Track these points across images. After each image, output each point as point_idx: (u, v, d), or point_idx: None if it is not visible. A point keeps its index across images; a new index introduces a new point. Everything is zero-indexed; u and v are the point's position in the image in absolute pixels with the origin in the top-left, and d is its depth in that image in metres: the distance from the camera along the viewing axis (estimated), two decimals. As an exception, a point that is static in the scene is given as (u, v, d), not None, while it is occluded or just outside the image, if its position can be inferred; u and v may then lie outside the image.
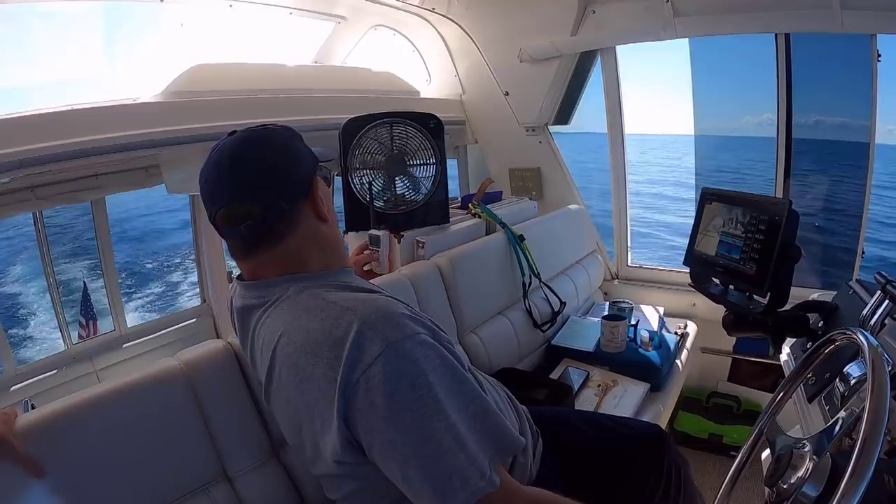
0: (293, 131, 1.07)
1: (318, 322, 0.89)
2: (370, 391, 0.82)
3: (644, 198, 17.20)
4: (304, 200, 1.02)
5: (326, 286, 0.98)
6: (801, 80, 2.53)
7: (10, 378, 2.98)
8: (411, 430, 0.82)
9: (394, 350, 0.83)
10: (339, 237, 1.12)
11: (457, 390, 0.86)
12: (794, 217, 1.34)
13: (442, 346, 0.89)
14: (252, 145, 1.00)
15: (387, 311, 0.88)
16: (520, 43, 2.84)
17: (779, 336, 1.52)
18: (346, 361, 0.83)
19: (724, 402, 2.79)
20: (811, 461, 0.82)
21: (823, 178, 7.10)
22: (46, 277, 3.72)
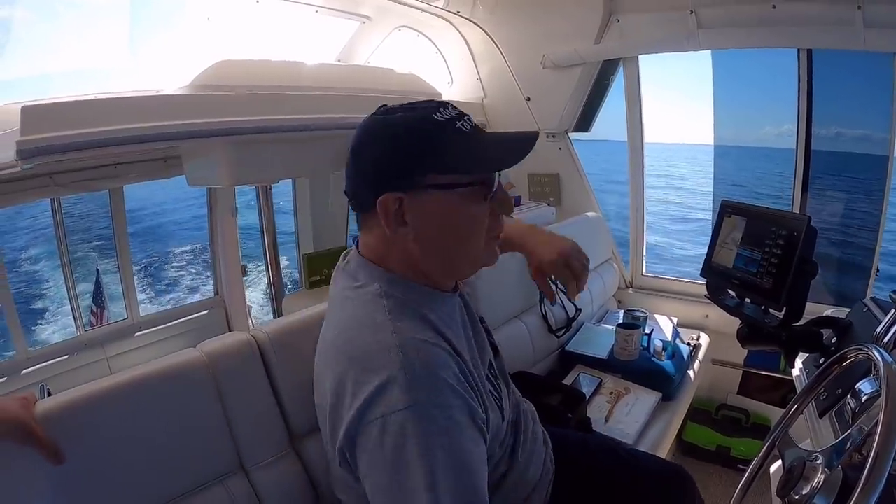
0: (431, 125, 0.90)
1: (364, 342, 0.87)
2: (384, 435, 0.79)
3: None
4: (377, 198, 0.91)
5: (396, 299, 0.92)
6: (821, 91, 2.52)
7: (21, 361, 3.03)
8: (407, 490, 0.78)
9: (419, 412, 0.79)
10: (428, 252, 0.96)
11: (454, 477, 0.80)
12: (813, 233, 1.34)
13: (465, 431, 0.84)
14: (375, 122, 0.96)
15: (432, 370, 0.83)
16: (543, 49, 2.85)
17: (792, 350, 1.53)
18: (372, 395, 0.81)
19: (732, 415, 2.78)
20: (823, 473, 0.83)
21: (842, 192, 7.08)
22: (62, 265, 3.74)
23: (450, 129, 0.90)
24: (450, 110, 0.93)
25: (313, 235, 3.97)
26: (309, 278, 2.87)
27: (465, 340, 0.99)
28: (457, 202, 0.90)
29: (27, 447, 0.94)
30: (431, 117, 0.90)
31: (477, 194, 0.91)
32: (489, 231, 0.95)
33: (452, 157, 0.89)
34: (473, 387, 0.89)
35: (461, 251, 0.95)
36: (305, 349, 1.33)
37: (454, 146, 0.89)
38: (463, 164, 0.89)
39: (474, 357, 0.99)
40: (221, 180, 2.13)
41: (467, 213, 0.92)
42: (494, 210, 0.95)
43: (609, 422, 1.95)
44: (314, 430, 1.32)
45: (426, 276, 0.97)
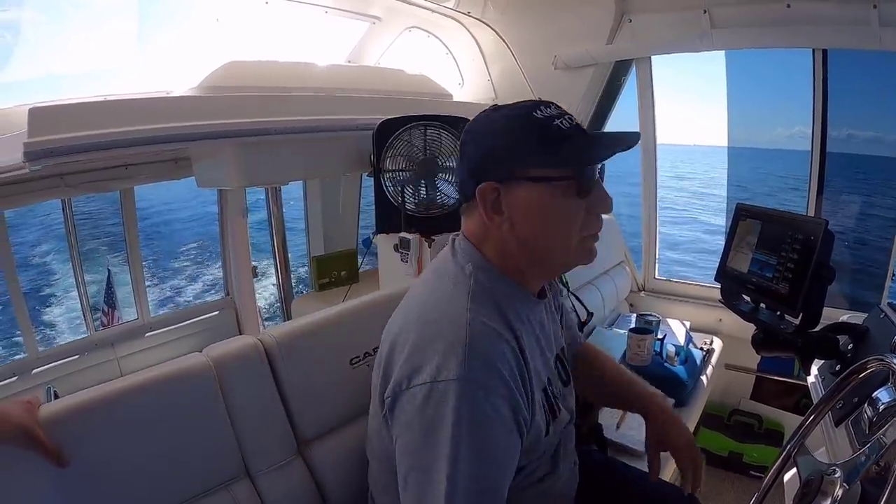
0: (530, 121, 0.95)
1: (439, 311, 0.94)
2: (427, 400, 0.85)
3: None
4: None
5: (482, 284, 0.97)
6: (833, 92, 2.49)
7: (31, 361, 3.04)
8: (432, 455, 0.84)
9: (465, 388, 0.83)
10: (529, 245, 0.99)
11: (477, 460, 0.84)
12: (830, 237, 1.31)
13: (503, 422, 0.88)
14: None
15: (490, 356, 0.87)
16: (555, 49, 2.83)
17: (808, 357, 1.49)
18: (427, 359, 0.87)
19: (745, 421, 2.75)
20: (841, 488, 0.81)
21: (855, 195, 7.03)
22: (73, 265, 3.77)
23: (547, 126, 0.94)
24: (551, 109, 0.97)
25: (324, 237, 3.97)
26: (318, 281, 2.86)
27: (536, 347, 1.03)
28: (549, 195, 0.94)
29: (31, 451, 0.93)
30: (531, 114, 0.95)
31: (570, 189, 0.94)
32: (583, 228, 0.97)
33: (547, 151, 0.93)
34: (526, 388, 0.93)
35: (551, 244, 0.98)
36: (314, 354, 1.33)
37: (551, 142, 0.93)
38: (556, 159, 0.93)
39: (537, 367, 1.01)
40: (231, 182, 2.13)
41: (559, 207, 0.95)
42: (590, 208, 0.96)
43: (620, 428, 1.92)
44: (321, 435, 1.32)
45: (516, 270, 1.01)
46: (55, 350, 3.30)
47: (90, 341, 3.39)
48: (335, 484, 1.27)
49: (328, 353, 1.34)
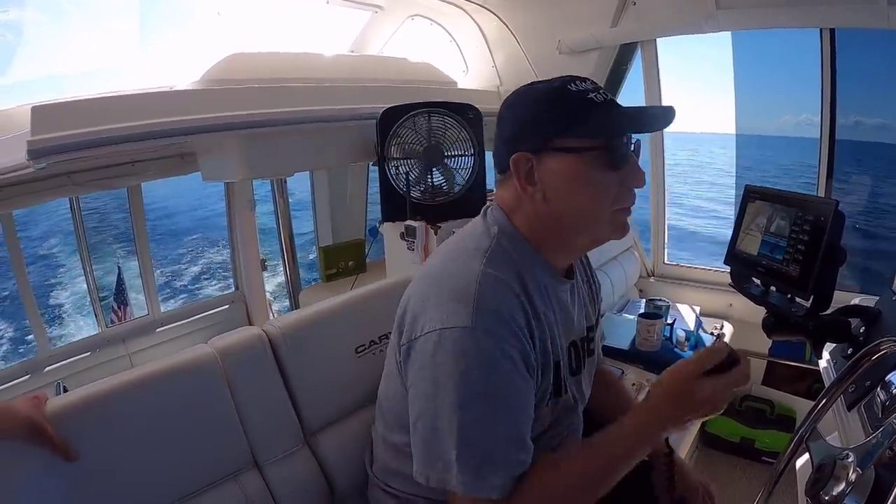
0: (565, 94, 0.94)
1: (456, 266, 0.96)
2: (437, 347, 0.88)
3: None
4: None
5: (504, 248, 0.98)
6: (842, 77, 2.45)
7: (43, 359, 3.07)
8: (442, 401, 0.87)
9: (474, 335, 0.86)
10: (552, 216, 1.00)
11: (483, 405, 0.87)
12: (841, 218, 1.28)
13: (513, 368, 0.89)
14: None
15: (500, 306, 0.89)
16: (559, 34, 2.79)
17: (820, 341, 1.47)
18: (439, 309, 0.90)
19: (757, 406, 2.72)
20: (854, 473, 0.79)
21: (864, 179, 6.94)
22: (82, 263, 3.79)
23: (583, 99, 0.94)
24: (586, 84, 0.97)
25: (332, 228, 3.98)
26: (326, 271, 2.86)
27: (553, 321, 1.02)
28: (582, 166, 0.94)
29: (39, 446, 0.94)
30: (566, 87, 0.95)
31: (602, 160, 0.94)
32: (616, 201, 0.96)
33: (581, 122, 0.93)
34: (536, 345, 0.94)
35: (583, 215, 0.98)
36: (319, 343, 1.33)
37: (584, 113, 0.93)
38: (588, 129, 0.93)
39: (553, 336, 1.01)
40: (235, 174, 2.13)
41: (591, 178, 0.95)
42: (623, 181, 0.96)
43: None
44: (328, 424, 1.32)
45: (545, 242, 1.01)
46: (66, 348, 3.33)
47: (102, 338, 3.41)
48: (342, 472, 1.27)
49: (333, 342, 1.34)
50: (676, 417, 0.89)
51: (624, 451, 0.89)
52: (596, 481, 0.89)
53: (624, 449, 0.90)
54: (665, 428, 0.90)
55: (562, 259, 1.06)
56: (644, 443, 0.91)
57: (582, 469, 0.90)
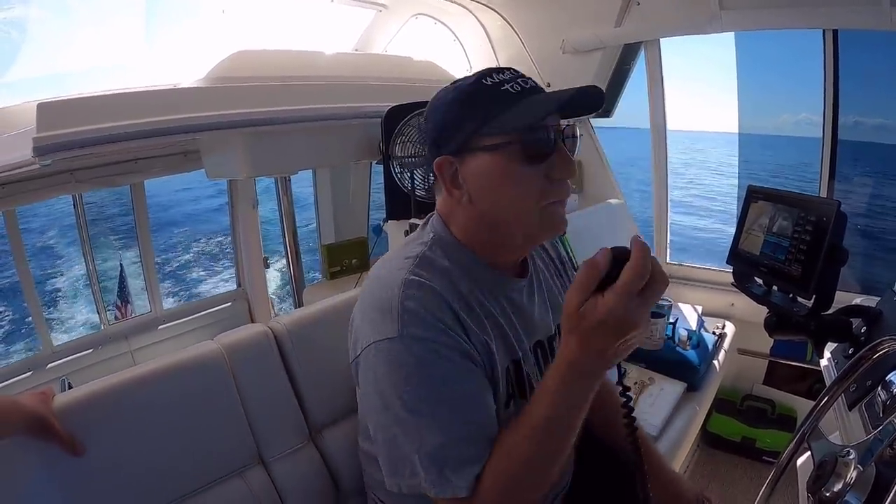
0: (478, 89, 0.92)
1: (384, 277, 0.95)
2: (374, 360, 0.88)
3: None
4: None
5: (435, 255, 0.98)
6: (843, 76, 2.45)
7: (46, 356, 3.08)
8: (391, 414, 0.87)
9: (403, 342, 0.85)
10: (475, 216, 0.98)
11: (432, 406, 0.86)
12: (843, 218, 1.29)
13: (452, 365, 0.88)
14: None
15: (425, 307, 0.88)
16: (562, 34, 2.80)
17: (821, 340, 1.47)
18: (371, 323, 0.90)
19: (758, 406, 2.73)
20: (856, 470, 0.80)
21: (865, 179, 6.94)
22: (85, 260, 3.80)
23: (496, 92, 0.91)
24: (503, 75, 0.94)
25: (335, 227, 3.98)
26: (329, 269, 2.87)
27: (502, 322, 1.00)
28: (502, 163, 0.91)
29: (46, 441, 0.95)
30: (480, 82, 0.93)
31: (521, 154, 0.90)
32: (543, 196, 0.92)
33: (494, 117, 0.90)
34: (476, 346, 0.92)
35: (510, 215, 0.95)
36: (324, 340, 1.33)
37: (498, 107, 0.90)
38: (504, 124, 0.90)
39: (507, 338, 1.00)
40: (240, 172, 2.13)
41: (513, 174, 0.91)
42: (549, 173, 0.92)
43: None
44: (333, 421, 1.33)
45: (483, 245, 0.99)
46: (69, 344, 3.34)
47: (104, 335, 3.43)
48: (347, 469, 1.27)
49: (338, 340, 1.32)
50: (595, 353, 0.76)
51: (559, 411, 0.81)
52: (548, 452, 0.84)
53: (558, 409, 0.81)
54: (589, 369, 0.79)
55: (504, 259, 1.03)
56: (575, 395, 0.80)
57: (528, 446, 0.83)
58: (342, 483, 1.29)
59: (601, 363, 0.78)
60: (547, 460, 0.84)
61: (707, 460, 2.64)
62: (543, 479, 0.86)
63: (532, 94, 0.93)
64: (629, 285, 0.72)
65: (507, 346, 0.99)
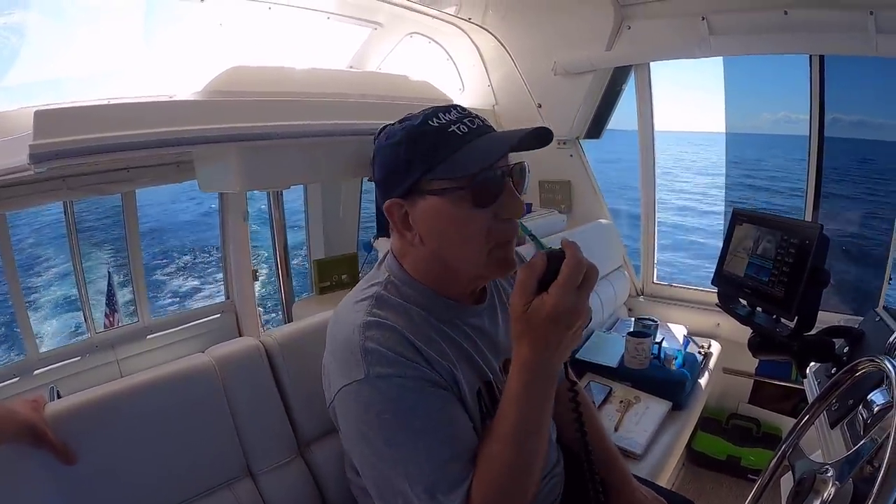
0: (424, 131, 0.92)
1: (343, 322, 0.96)
2: (346, 404, 0.91)
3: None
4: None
5: (390, 293, 0.99)
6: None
7: (33, 362, 3.05)
8: (372, 452, 0.90)
9: (370, 382, 0.87)
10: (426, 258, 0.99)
11: (410, 438, 0.87)
12: (825, 241, 1.32)
13: (422, 394, 0.89)
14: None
15: (386, 344, 0.89)
16: (554, 56, 2.85)
17: (804, 360, 1.50)
18: (338, 369, 0.92)
19: (743, 424, 2.75)
20: (833, 486, 0.81)
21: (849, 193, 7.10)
22: (74, 267, 3.78)
23: (443, 134, 0.91)
24: (450, 114, 0.94)
25: (324, 242, 3.99)
26: (319, 284, 2.87)
27: (468, 349, 1.01)
28: (449, 206, 0.91)
29: (38, 449, 0.95)
30: (427, 123, 0.92)
31: (468, 199, 0.90)
32: (491, 236, 0.92)
33: (442, 161, 0.90)
34: (441, 374, 0.93)
35: (459, 255, 0.95)
36: (314, 355, 1.31)
37: (444, 150, 0.90)
38: (450, 168, 0.90)
39: (473, 362, 1.01)
40: (233, 185, 2.14)
41: (460, 217, 0.91)
42: (498, 214, 0.92)
43: (619, 430, 1.94)
44: (322, 435, 1.33)
45: (435, 281, 1.00)
46: (56, 351, 3.31)
47: (91, 343, 3.40)
48: (335, 484, 1.27)
49: (328, 354, 1.36)
50: (548, 349, 0.82)
51: (526, 414, 0.86)
52: (525, 454, 0.87)
53: (525, 412, 0.86)
54: (545, 366, 0.84)
55: (459, 291, 1.03)
56: (538, 395, 0.86)
57: (506, 453, 0.86)
58: (329, 498, 1.29)
59: (555, 358, 0.84)
60: (527, 462, 0.87)
61: (693, 478, 2.65)
62: (527, 482, 0.88)
63: (479, 134, 0.92)
64: (570, 279, 0.79)
65: (475, 369, 1.00)
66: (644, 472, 1.75)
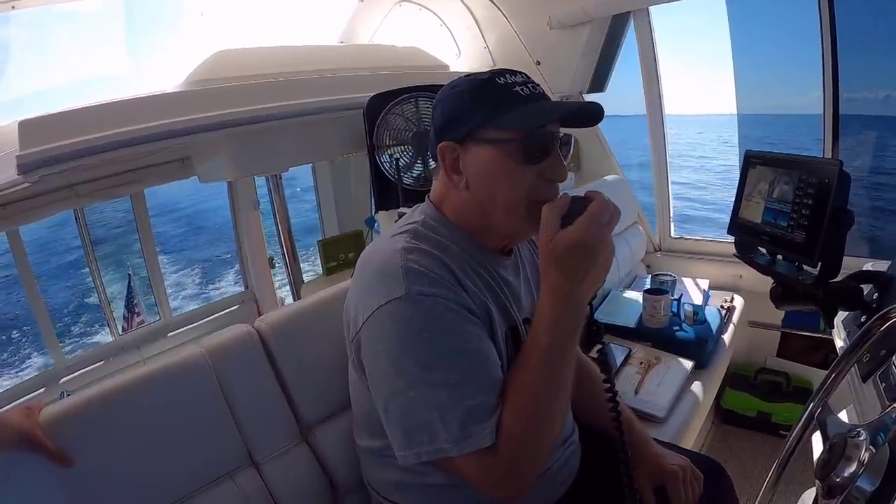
0: (490, 86, 0.96)
1: (382, 251, 0.98)
2: (381, 323, 0.90)
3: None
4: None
5: (429, 231, 1.02)
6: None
7: (60, 370, 3.11)
8: (405, 373, 0.88)
9: (411, 299, 0.88)
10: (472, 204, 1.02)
11: (447, 357, 0.89)
12: (846, 179, 1.23)
13: (461, 318, 0.91)
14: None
15: (427, 268, 0.91)
16: (548, 9, 2.73)
17: (830, 309, 1.41)
18: (374, 289, 0.92)
19: (772, 379, 2.66)
20: (867, 452, 0.74)
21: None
22: (91, 274, 3.83)
23: (506, 91, 0.95)
24: (516, 77, 0.98)
25: (338, 221, 3.96)
26: (326, 264, 2.85)
27: (493, 293, 1.03)
28: (501, 157, 0.95)
29: (35, 455, 0.94)
30: (494, 80, 0.97)
31: (520, 152, 0.94)
32: (532, 193, 0.96)
33: (501, 114, 0.94)
34: (475, 301, 0.96)
35: (499, 205, 0.98)
36: (313, 336, 1.31)
37: (506, 106, 0.94)
38: (509, 122, 0.94)
39: (502, 303, 1.03)
40: (228, 174, 2.12)
41: (507, 169, 0.95)
42: (542, 174, 0.96)
43: (639, 394, 1.87)
44: (324, 418, 1.31)
45: (472, 228, 1.03)
46: (81, 358, 3.37)
47: (115, 346, 3.46)
48: (342, 466, 1.26)
49: (325, 335, 1.32)
50: (573, 276, 0.87)
51: (556, 338, 0.89)
52: (554, 382, 0.89)
53: (555, 336, 0.89)
54: (572, 293, 0.88)
55: (492, 242, 1.07)
56: (567, 321, 0.89)
57: (537, 378, 0.89)
58: (339, 480, 1.27)
59: (583, 287, 0.88)
60: (556, 390, 0.90)
61: (723, 437, 2.60)
62: (556, 410, 0.91)
63: (539, 99, 0.97)
64: (596, 214, 0.87)
65: (503, 311, 1.03)
66: (668, 436, 1.69)
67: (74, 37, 4.70)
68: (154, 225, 3.84)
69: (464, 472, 0.90)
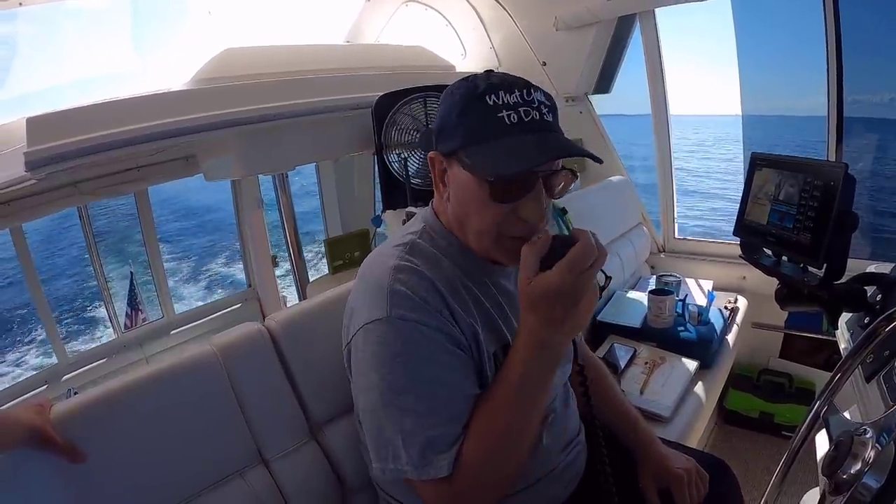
0: (481, 105, 0.90)
1: (375, 264, 0.99)
2: (364, 342, 0.91)
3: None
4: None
5: (425, 242, 1.02)
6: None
7: (63, 368, 3.11)
8: (377, 392, 0.89)
9: (391, 322, 0.88)
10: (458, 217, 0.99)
11: (413, 383, 0.88)
12: (851, 182, 1.24)
13: (435, 344, 0.90)
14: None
15: (413, 290, 0.91)
16: (555, 10, 2.74)
17: (835, 310, 1.43)
18: (362, 306, 0.94)
19: (775, 380, 2.67)
20: (873, 449, 0.75)
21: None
22: (95, 272, 3.83)
23: (492, 116, 0.89)
24: (510, 96, 0.90)
25: (341, 220, 3.97)
26: (332, 263, 2.86)
27: (491, 307, 1.02)
28: (475, 186, 0.91)
29: (43, 453, 0.94)
30: (484, 98, 0.89)
31: (489, 190, 0.90)
32: (504, 226, 0.92)
33: (480, 142, 0.90)
34: (463, 329, 0.94)
35: (471, 229, 0.97)
36: (322, 334, 1.31)
37: (485, 134, 0.89)
38: (482, 156, 0.89)
39: (493, 322, 1.01)
40: (235, 172, 2.12)
41: (480, 199, 0.92)
42: (515, 210, 0.91)
43: (644, 393, 1.89)
44: (334, 417, 1.31)
45: (463, 240, 1.02)
46: (84, 355, 3.37)
47: (118, 343, 3.46)
48: (351, 464, 1.26)
49: (333, 334, 1.31)
50: (548, 323, 0.82)
51: (526, 379, 0.86)
52: (520, 417, 0.88)
53: (525, 377, 0.86)
54: (548, 340, 0.84)
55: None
56: (539, 365, 0.86)
57: (503, 412, 0.88)
58: (347, 479, 1.28)
59: (560, 334, 0.84)
60: (518, 428, 0.89)
61: (726, 437, 2.60)
62: (518, 449, 0.90)
63: (527, 130, 0.88)
64: (574, 261, 0.78)
65: (495, 331, 1.01)
66: (673, 435, 1.71)
67: (81, 33, 4.75)
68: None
69: (422, 496, 0.91)
